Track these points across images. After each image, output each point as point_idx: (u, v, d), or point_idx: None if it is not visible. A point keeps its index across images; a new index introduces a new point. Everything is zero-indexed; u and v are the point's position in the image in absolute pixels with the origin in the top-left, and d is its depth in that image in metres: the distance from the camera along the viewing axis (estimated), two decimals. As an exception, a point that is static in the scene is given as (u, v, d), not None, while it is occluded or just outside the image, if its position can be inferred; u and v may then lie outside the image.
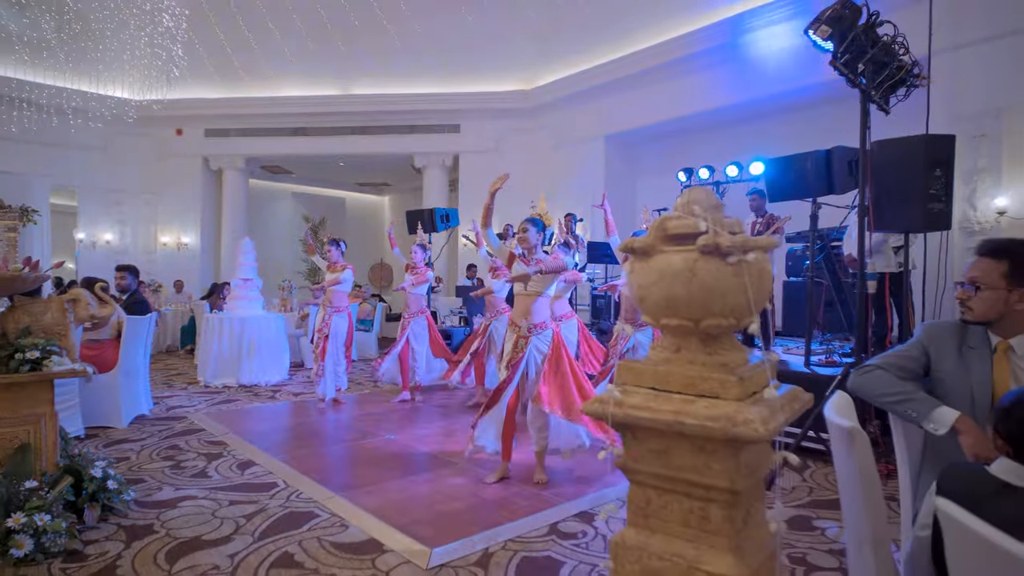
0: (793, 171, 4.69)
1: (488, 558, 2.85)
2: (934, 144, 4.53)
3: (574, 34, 9.27)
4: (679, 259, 1.22)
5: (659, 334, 1.39)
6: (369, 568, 2.74)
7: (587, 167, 10.26)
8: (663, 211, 8.34)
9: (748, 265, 1.20)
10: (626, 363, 1.32)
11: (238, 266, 7.59)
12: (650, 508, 1.29)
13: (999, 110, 6.37)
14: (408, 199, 15.12)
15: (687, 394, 1.23)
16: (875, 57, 3.55)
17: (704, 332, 1.26)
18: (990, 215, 6.54)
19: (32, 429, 3.16)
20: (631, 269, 1.32)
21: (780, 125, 8.62)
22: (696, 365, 1.25)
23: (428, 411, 6.19)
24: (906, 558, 1.64)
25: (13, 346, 3.11)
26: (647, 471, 1.28)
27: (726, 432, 1.12)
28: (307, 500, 3.57)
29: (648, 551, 1.27)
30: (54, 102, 10.35)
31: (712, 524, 1.21)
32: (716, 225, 1.22)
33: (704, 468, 1.21)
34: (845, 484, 1.49)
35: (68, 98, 10.47)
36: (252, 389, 7.07)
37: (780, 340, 6.57)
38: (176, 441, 4.85)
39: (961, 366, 2.10)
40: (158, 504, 3.48)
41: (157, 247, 12.30)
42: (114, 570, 2.71)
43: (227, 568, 2.72)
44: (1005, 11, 6.28)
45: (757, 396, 1.23)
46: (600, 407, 1.27)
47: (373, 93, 11.23)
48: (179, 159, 12.22)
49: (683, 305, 1.23)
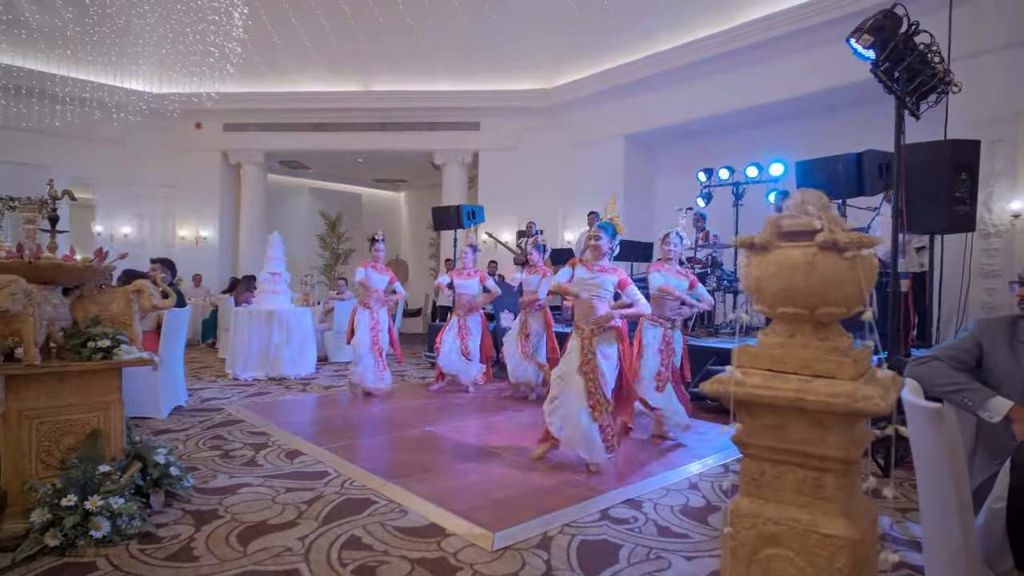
0: (824, 173, 4.82)
1: (548, 541, 2.98)
2: (960, 148, 4.68)
3: (596, 34, 9.39)
4: (798, 254, 1.35)
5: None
6: (436, 550, 2.87)
7: (606, 166, 10.39)
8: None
9: (862, 259, 1.32)
10: (743, 347, 1.44)
11: (268, 260, 7.72)
12: (764, 479, 1.42)
13: (1015, 115, 6.53)
14: (425, 195, 15.26)
15: (803, 375, 1.36)
16: (910, 65, 3.68)
17: (817, 320, 1.38)
18: (1006, 218, 6.70)
19: (102, 415, 3.27)
20: (747, 263, 1.45)
21: (799, 127, 8.76)
22: (811, 349, 1.38)
23: (463, 404, 6.29)
24: (980, 530, 1.77)
25: (84, 335, 3.22)
26: (762, 445, 1.41)
27: (848, 407, 1.25)
28: (361, 488, 3.69)
29: (763, 517, 1.39)
30: (72, 94, 10.42)
31: (826, 491, 1.34)
32: (830, 223, 1.35)
33: (819, 441, 1.33)
34: (929, 460, 1.62)
35: (88, 90, 10.56)
36: (282, 382, 7.20)
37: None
38: (219, 432, 4.97)
39: (1013, 359, 2.24)
40: (217, 491, 3.59)
41: (175, 241, 12.42)
42: (190, 551, 2.83)
43: (299, 550, 2.84)
44: (1017, 23, 6.46)
45: (867, 376, 1.36)
46: (721, 387, 1.40)
47: (394, 90, 11.35)
48: (198, 153, 12.34)
49: (801, 295, 1.35)
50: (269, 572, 2.63)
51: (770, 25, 8.11)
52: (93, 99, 10.62)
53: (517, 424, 5.44)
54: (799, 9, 7.83)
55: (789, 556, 1.36)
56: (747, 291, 1.47)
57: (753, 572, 1.40)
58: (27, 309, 2.94)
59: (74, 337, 3.19)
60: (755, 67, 8.46)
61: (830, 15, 7.56)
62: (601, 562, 2.77)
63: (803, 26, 7.85)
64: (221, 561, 2.73)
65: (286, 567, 2.68)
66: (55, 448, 3.12)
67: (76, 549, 2.77)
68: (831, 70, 7.54)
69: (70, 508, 2.84)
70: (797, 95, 8.15)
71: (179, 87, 10.65)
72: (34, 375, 3.03)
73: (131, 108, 10.66)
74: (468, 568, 2.69)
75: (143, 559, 2.74)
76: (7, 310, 2.85)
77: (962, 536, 1.53)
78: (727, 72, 8.77)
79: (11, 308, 2.85)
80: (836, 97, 7.93)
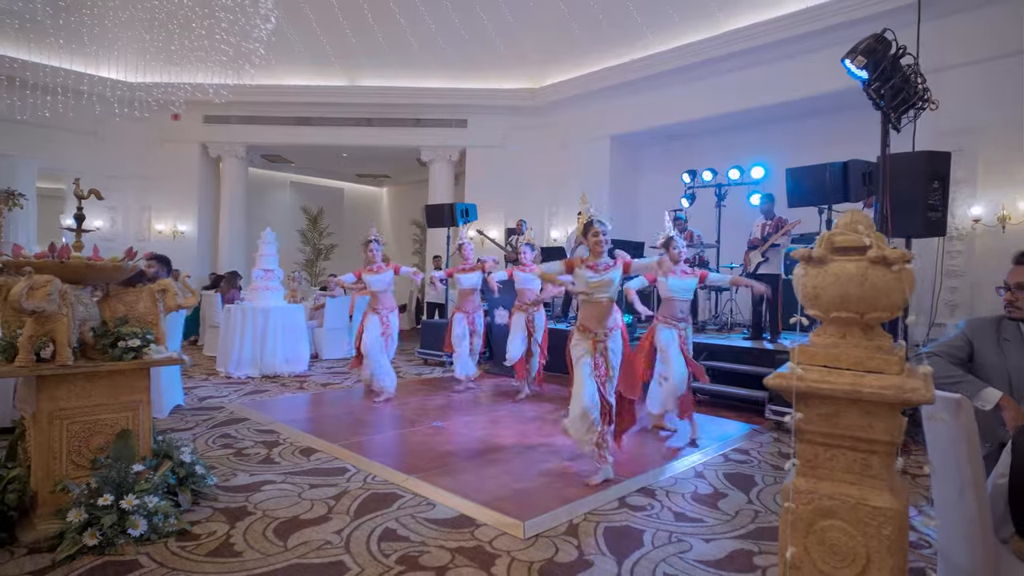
0: (813, 179, 5.11)
1: (575, 528, 3.16)
2: (933, 159, 5.02)
3: (584, 36, 9.58)
4: (853, 266, 1.55)
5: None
6: (471, 539, 3.01)
7: (592, 166, 10.61)
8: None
9: (906, 272, 1.53)
10: (801, 346, 1.64)
11: (260, 256, 7.70)
12: (818, 460, 1.62)
13: (975, 128, 6.98)
14: (408, 191, 15.27)
15: (856, 370, 1.56)
16: (896, 84, 3.96)
17: (865, 323, 1.59)
18: (967, 223, 7.15)
19: (131, 415, 3.31)
20: (804, 273, 1.64)
21: (780, 132, 9.13)
22: (861, 348, 1.58)
23: (466, 400, 6.41)
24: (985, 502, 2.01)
25: (114, 334, 3.26)
26: (817, 431, 1.61)
27: (898, 397, 1.45)
28: (384, 482, 3.79)
29: (818, 493, 1.59)
30: (44, 82, 10.11)
31: (873, 470, 1.55)
32: (878, 241, 1.56)
33: (868, 427, 1.54)
34: (949, 443, 1.84)
35: (61, 78, 10.24)
36: (277, 379, 7.22)
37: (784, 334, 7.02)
38: (226, 430, 5.01)
39: (999, 354, 2.52)
40: (241, 488, 3.65)
41: (151, 234, 12.18)
42: (230, 547, 2.91)
43: (339, 543, 2.94)
44: (981, 41, 6.95)
45: (909, 371, 1.57)
46: (784, 381, 1.59)
47: (381, 85, 11.34)
48: (176, 145, 12.13)
49: (854, 302, 1.55)
50: (315, 565, 2.73)
51: (754, 34, 8.43)
52: (67, 87, 10.32)
53: (522, 418, 5.60)
54: (782, 20, 8.17)
55: (842, 526, 1.56)
56: (803, 298, 1.67)
57: (810, 541, 1.60)
58: (61, 309, 2.98)
59: (104, 337, 3.23)
60: (739, 73, 8.78)
61: (812, 27, 7.93)
62: (628, 546, 2.96)
63: (786, 36, 8.20)
64: (264, 556, 2.82)
65: (330, 559, 2.79)
66: (85, 448, 3.17)
67: (115, 548, 2.82)
68: (812, 78, 7.91)
69: (107, 507, 2.88)
70: (779, 101, 8.50)
71: (157, 77, 10.44)
72: (65, 375, 3.07)
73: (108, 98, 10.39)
74: (506, 555, 2.85)
75: (186, 556, 2.81)
76: (43, 310, 2.89)
77: (977, 508, 1.76)
78: (712, 77, 9.08)
79: (47, 308, 2.89)
80: (816, 104, 8.31)
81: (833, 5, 7.76)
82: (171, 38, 9.55)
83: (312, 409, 5.93)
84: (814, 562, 1.60)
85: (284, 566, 2.72)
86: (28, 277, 2.82)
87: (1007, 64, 6.79)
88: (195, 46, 9.38)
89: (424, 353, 8.88)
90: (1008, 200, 6.84)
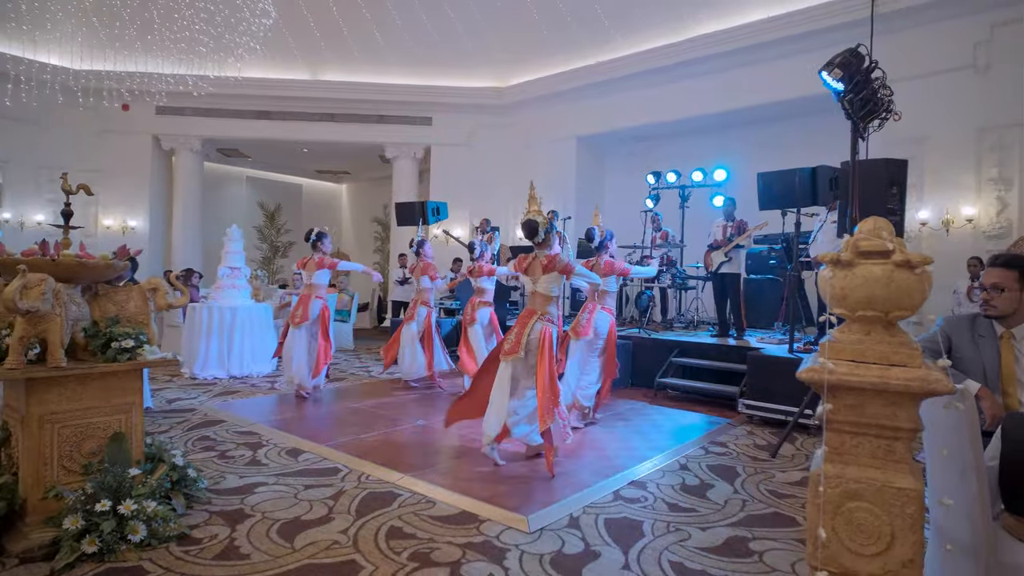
0: (783, 184, 5.38)
1: (576, 521, 3.25)
2: (892, 166, 5.35)
3: (553, 36, 9.70)
4: (879, 270, 1.69)
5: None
6: (478, 534, 3.07)
7: (558, 166, 10.76)
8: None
9: (926, 275, 1.69)
10: (828, 342, 1.78)
11: (225, 254, 7.49)
12: (844, 447, 1.76)
13: (922, 138, 7.48)
14: (368, 188, 15.06)
15: (882, 364, 1.71)
16: (866, 95, 4.23)
17: (888, 321, 1.74)
18: (915, 225, 7.64)
19: (124, 418, 3.22)
20: (831, 275, 1.78)
21: (743, 136, 9.50)
22: (885, 344, 1.73)
23: (444, 398, 6.41)
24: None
25: (106, 335, 3.16)
26: (844, 420, 1.75)
27: (924, 388, 1.60)
28: (380, 481, 3.80)
29: (845, 477, 1.74)
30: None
31: (897, 455, 1.70)
32: (899, 245, 1.71)
33: (892, 416, 1.69)
34: (949, 429, 2.03)
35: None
36: (246, 380, 7.05)
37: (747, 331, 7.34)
38: (204, 432, 4.89)
39: (975, 350, 2.76)
40: (233, 491, 3.60)
41: (98, 230, 11.63)
42: (236, 549, 2.87)
43: (347, 543, 2.94)
44: (929, 56, 7.44)
45: (928, 364, 1.73)
46: (816, 375, 1.72)
47: (344, 80, 11.17)
48: (126, 136, 11.63)
49: (880, 302, 1.70)
50: (327, 565, 2.74)
51: (718, 40, 8.76)
52: (5, 73, 9.72)
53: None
54: (746, 28, 8.52)
55: (868, 507, 1.71)
56: (829, 298, 1.81)
57: (838, 522, 1.74)
58: (55, 309, 2.88)
59: (96, 337, 3.13)
60: (703, 78, 9.09)
61: (773, 36, 8.31)
62: (630, 536, 3.08)
63: (748, 44, 8.55)
64: (274, 557, 2.80)
65: (342, 559, 2.80)
66: (76, 453, 3.07)
67: (116, 554, 2.75)
68: (772, 85, 8.29)
69: (105, 513, 2.81)
70: (741, 106, 8.86)
71: (107, 65, 9.96)
72: (56, 378, 2.96)
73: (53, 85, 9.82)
74: (515, 549, 2.92)
75: (191, 560, 2.77)
76: (37, 310, 2.78)
77: (977, 489, 1.95)
78: (677, 81, 9.36)
79: (41, 308, 2.79)
80: (776, 110, 8.70)
81: (793, 16, 8.14)
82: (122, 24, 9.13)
83: (289, 410, 5.83)
84: (842, 541, 1.74)
85: (296, 567, 2.72)
86: (22, 276, 2.71)
87: (953, 78, 7.31)
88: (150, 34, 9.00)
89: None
90: (952, 205, 7.36)
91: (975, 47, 7.26)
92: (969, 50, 7.28)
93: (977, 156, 7.29)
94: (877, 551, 1.71)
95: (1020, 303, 2.64)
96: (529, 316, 4.22)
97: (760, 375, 5.44)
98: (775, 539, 3.08)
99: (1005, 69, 7.07)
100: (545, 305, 4.24)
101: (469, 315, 6.28)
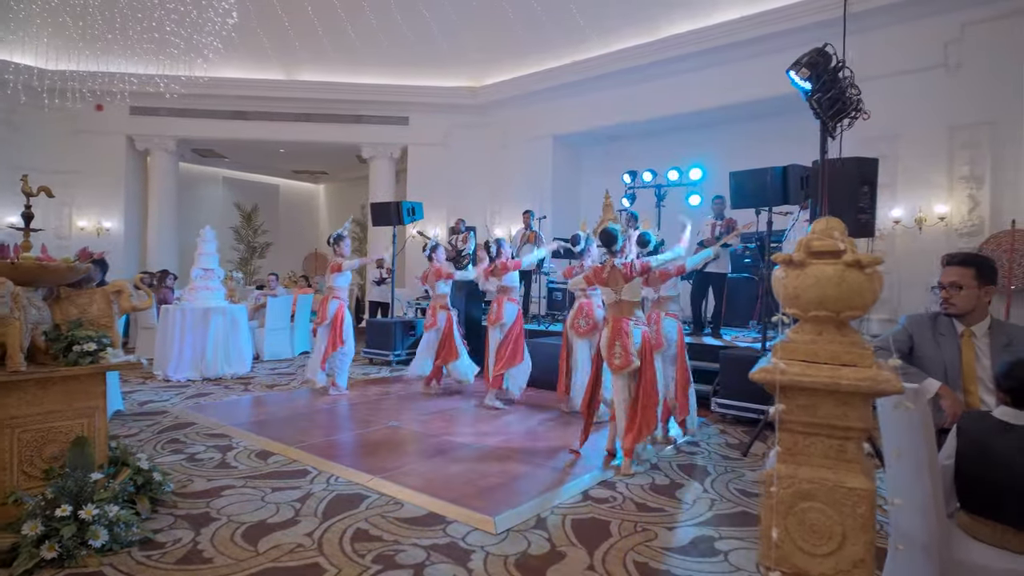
0: (755, 182, 5.42)
1: (543, 522, 3.25)
2: (863, 165, 5.41)
3: (527, 35, 9.70)
4: (831, 269, 1.70)
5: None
6: (444, 536, 3.06)
7: (535, 165, 10.76)
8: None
9: (876, 274, 1.70)
10: (780, 343, 1.79)
11: (199, 255, 7.40)
12: (797, 447, 1.77)
13: (894, 136, 7.58)
14: (345, 188, 14.95)
15: (833, 364, 1.72)
16: (834, 95, 4.27)
17: (840, 321, 1.75)
18: (888, 224, 7.74)
19: (86, 422, 3.17)
20: (784, 275, 1.79)
21: (718, 135, 9.55)
22: (836, 344, 1.74)
23: (415, 399, 6.39)
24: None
25: (68, 338, 3.10)
26: (796, 420, 1.75)
27: (873, 388, 1.62)
28: (348, 483, 3.77)
29: (798, 477, 1.74)
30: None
31: (848, 455, 1.71)
32: (851, 247, 1.72)
33: (844, 416, 1.69)
34: (904, 428, 2.05)
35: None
36: (220, 382, 6.97)
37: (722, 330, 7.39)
38: (174, 435, 4.83)
39: (936, 348, 2.79)
40: (199, 495, 3.55)
41: (72, 232, 11.42)
42: (199, 553, 2.84)
43: (311, 546, 2.92)
44: (901, 55, 7.53)
45: (879, 364, 1.75)
46: (768, 375, 1.73)
47: (320, 80, 11.08)
48: (100, 137, 11.42)
49: (832, 301, 1.70)
50: (290, 568, 2.71)
51: (691, 40, 8.80)
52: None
53: (476, 417, 5.67)
54: (718, 28, 8.58)
55: (820, 507, 1.71)
56: (783, 298, 1.82)
57: (790, 522, 1.75)
58: (14, 312, 2.82)
59: (58, 341, 3.07)
60: (678, 77, 9.13)
61: (746, 35, 8.37)
62: (597, 536, 3.08)
63: (721, 43, 8.60)
64: (237, 561, 2.77)
65: (305, 562, 2.77)
66: (37, 458, 3.02)
67: (76, 560, 2.71)
68: (747, 84, 8.35)
69: (65, 518, 2.77)
70: (715, 105, 8.91)
71: (79, 65, 9.78)
72: (15, 382, 2.90)
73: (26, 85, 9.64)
74: (480, 550, 2.91)
75: (153, 565, 2.73)
76: (-7, 314, 2.72)
77: (931, 486, 1.97)
78: (652, 80, 9.40)
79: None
80: (750, 109, 8.76)
81: (766, 15, 8.20)
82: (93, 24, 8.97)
83: (261, 411, 5.77)
84: (794, 541, 1.75)
85: (259, 570, 2.69)
86: (-24, 279, 2.65)
87: (925, 76, 7.41)
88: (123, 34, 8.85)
89: (370, 353, 8.78)
90: (924, 203, 7.46)
91: (946, 46, 7.35)
92: (940, 49, 7.38)
93: (949, 154, 7.39)
94: (829, 551, 1.72)
95: (979, 300, 2.68)
96: (622, 323, 4.22)
97: (733, 374, 5.47)
98: (741, 538, 3.09)
99: (976, 67, 7.17)
100: (634, 310, 4.30)
101: (495, 314, 6.15)
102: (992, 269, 2.74)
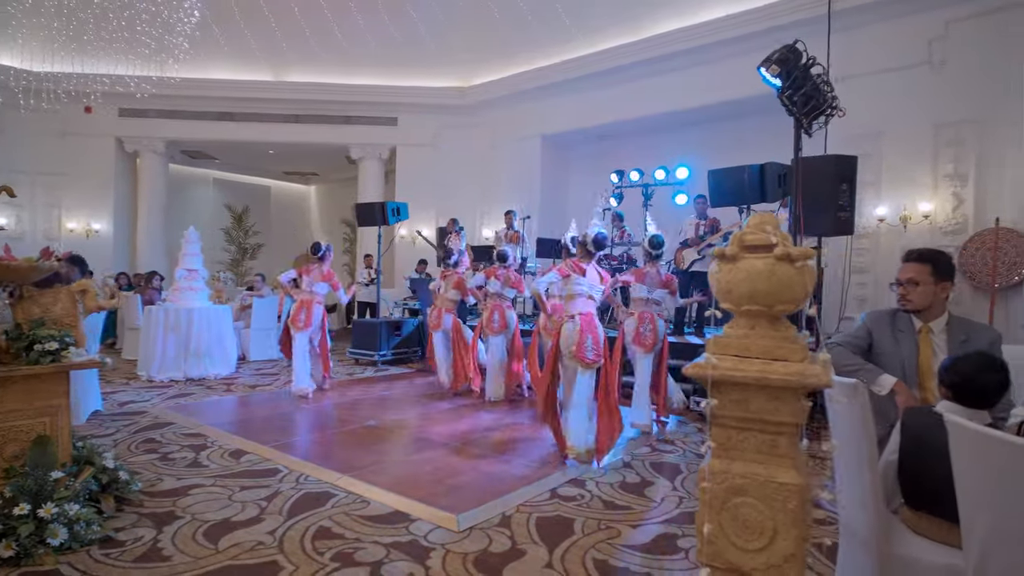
0: (732, 180, 5.43)
1: (508, 520, 3.24)
2: (842, 163, 5.42)
3: (514, 35, 9.70)
4: (761, 263, 1.69)
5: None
6: (406, 534, 3.05)
7: (523, 165, 10.76)
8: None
9: (807, 268, 1.70)
10: (714, 338, 1.78)
11: (183, 256, 7.40)
12: (730, 443, 1.76)
13: (878, 133, 7.57)
14: (336, 189, 14.95)
15: (765, 359, 1.71)
16: (807, 92, 4.27)
17: (773, 315, 1.74)
18: (872, 222, 7.73)
19: (49, 421, 3.17)
20: (718, 270, 1.78)
21: (704, 134, 9.55)
22: (768, 338, 1.73)
23: (396, 399, 6.39)
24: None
25: (29, 337, 3.10)
26: (730, 415, 1.75)
27: (800, 383, 1.61)
28: (317, 482, 3.77)
29: (731, 473, 1.74)
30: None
31: (780, 449, 1.70)
32: (783, 240, 1.71)
33: (775, 411, 1.69)
34: (846, 423, 2.05)
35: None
36: (203, 382, 6.96)
37: (707, 329, 7.38)
38: (150, 435, 4.82)
39: (894, 345, 2.78)
40: (167, 493, 3.55)
41: (62, 233, 11.43)
42: (159, 552, 2.83)
43: (272, 544, 2.91)
44: (885, 53, 7.52)
45: (810, 359, 1.74)
46: (701, 370, 1.72)
47: (309, 81, 11.09)
48: (89, 139, 11.42)
49: (763, 295, 1.70)
50: (247, 566, 2.70)
51: (677, 39, 8.81)
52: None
53: (455, 415, 5.66)
54: (703, 26, 8.58)
55: (752, 503, 1.71)
56: (717, 293, 1.81)
57: (724, 518, 1.74)
58: (-30, 312, 2.82)
59: (19, 340, 3.06)
60: (665, 76, 9.14)
61: (731, 34, 8.37)
62: (559, 534, 3.08)
63: (707, 42, 8.61)
64: (195, 559, 2.76)
65: (263, 560, 2.77)
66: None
67: (33, 559, 2.70)
68: (732, 83, 8.34)
69: (23, 517, 2.76)
70: (701, 104, 8.91)
71: (68, 67, 9.79)
72: (-26, 381, 2.90)
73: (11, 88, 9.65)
74: (440, 548, 2.90)
75: (110, 563, 2.72)
76: (-51, 313, 2.72)
77: (870, 481, 1.97)
78: (638, 80, 9.40)
79: (-46, 311, 2.73)
80: (735, 108, 8.75)
81: (751, 14, 8.21)
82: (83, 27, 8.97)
83: (240, 411, 5.77)
84: (728, 536, 1.74)
85: (216, 568, 2.68)
86: (-68, 278, 2.65)
87: (909, 74, 7.40)
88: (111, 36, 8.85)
89: (356, 353, 8.78)
90: (909, 201, 7.45)
91: (930, 43, 7.35)
92: (925, 46, 7.37)
93: (933, 152, 7.38)
94: (760, 546, 1.71)
95: (935, 296, 2.67)
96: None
97: (712, 372, 5.44)
98: (704, 535, 3.08)
99: (960, 65, 7.16)
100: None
101: (499, 323, 6.20)
102: (949, 265, 2.73)
